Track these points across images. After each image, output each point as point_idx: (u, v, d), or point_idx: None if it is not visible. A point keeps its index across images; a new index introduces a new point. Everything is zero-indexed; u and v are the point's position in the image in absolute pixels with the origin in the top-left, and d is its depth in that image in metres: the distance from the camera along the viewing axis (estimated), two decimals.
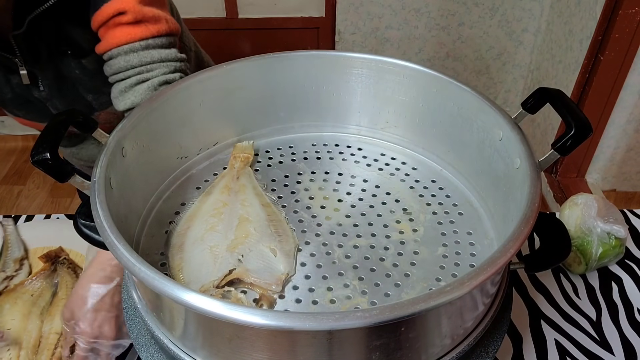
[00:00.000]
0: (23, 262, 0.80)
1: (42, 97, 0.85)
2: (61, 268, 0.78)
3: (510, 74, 2.39)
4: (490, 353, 0.54)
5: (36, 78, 0.82)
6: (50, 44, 0.79)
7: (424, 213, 0.66)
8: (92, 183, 0.52)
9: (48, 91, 0.84)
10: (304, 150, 0.76)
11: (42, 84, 0.83)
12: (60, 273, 0.78)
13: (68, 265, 0.79)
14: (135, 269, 0.44)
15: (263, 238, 0.60)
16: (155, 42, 0.76)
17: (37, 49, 0.78)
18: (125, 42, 0.74)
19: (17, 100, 0.86)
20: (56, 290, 0.75)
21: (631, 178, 2.14)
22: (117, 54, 0.75)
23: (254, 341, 0.44)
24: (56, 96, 0.85)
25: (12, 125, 2.48)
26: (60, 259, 0.80)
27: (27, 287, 0.75)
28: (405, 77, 0.71)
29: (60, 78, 0.83)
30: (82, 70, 0.83)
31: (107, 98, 0.88)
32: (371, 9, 2.19)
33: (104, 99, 0.88)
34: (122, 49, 0.75)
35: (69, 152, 1.05)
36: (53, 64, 0.81)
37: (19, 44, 0.76)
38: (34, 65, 0.80)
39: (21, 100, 0.86)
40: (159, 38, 0.76)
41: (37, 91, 0.84)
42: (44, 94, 0.84)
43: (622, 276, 0.82)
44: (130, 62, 0.75)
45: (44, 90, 0.83)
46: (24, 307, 0.72)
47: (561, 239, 0.51)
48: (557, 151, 0.55)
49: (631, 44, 1.74)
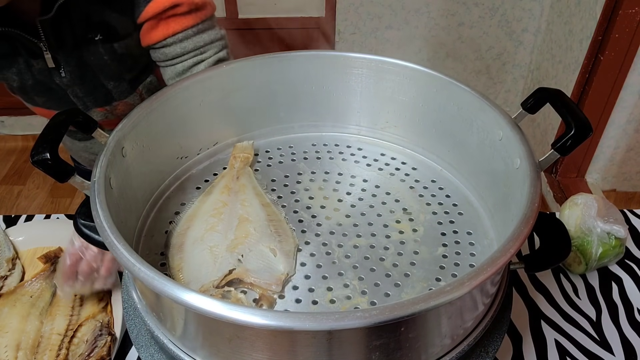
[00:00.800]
0: (15, 262, 0.80)
1: (63, 83, 0.85)
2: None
3: (510, 74, 2.39)
4: (490, 353, 0.54)
5: (59, 64, 0.83)
6: (76, 30, 0.80)
7: (424, 213, 0.66)
8: (92, 183, 0.52)
9: (70, 77, 0.84)
10: (304, 150, 0.76)
11: (64, 70, 0.83)
12: None
13: None
14: (135, 269, 0.44)
15: (263, 238, 0.60)
16: (204, 26, 0.82)
17: (63, 34, 0.80)
18: (180, 30, 0.80)
19: (38, 87, 0.86)
20: (56, 290, 0.75)
21: (631, 178, 2.14)
22: (172, 42, 0.81)
23: (254, 341, 0.44)
24: (77, 83, 0.86)
25: (12, 125, 2.48)
26: (60, 259, 0.79)
27: (27, 289, 0.75)
28: (405, 77, 0.71)
29: (83, 65, 0.84)
30: (111, 55, 0.84)
31: (127, 86, 0.90)
32: (371, 9, 2.19)
33: (124, 87, 0.90)
34: (177, 37, 0.81)
35: (82, 145, 1.04)
36: (77, 50, 0.82)
37: (45, 28, 0.77)
38: (58, 51, 0.81)
39: (42, 87, 0.86)
40: (206, 21, 0.83)
41: (58, 77, 0.84)
42: (65, 80, 0.85)
43: (622, 276, 0.82)
44: (186, 48, 0.81)
45: (66, 77, 0.84)
46: (23, 308, 0.72)
47: (561, 239, 0.51)
48: (557, 151, 0.55)
49: (631, 44, 1.74)
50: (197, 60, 0.82)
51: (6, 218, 0.90)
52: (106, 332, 0.68)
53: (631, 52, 1.76)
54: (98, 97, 0.89)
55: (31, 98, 0.90)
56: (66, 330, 0.70)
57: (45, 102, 0.90)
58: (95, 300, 0.73)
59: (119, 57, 0.85)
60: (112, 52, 0.84)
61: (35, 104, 0.92)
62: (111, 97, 0.90)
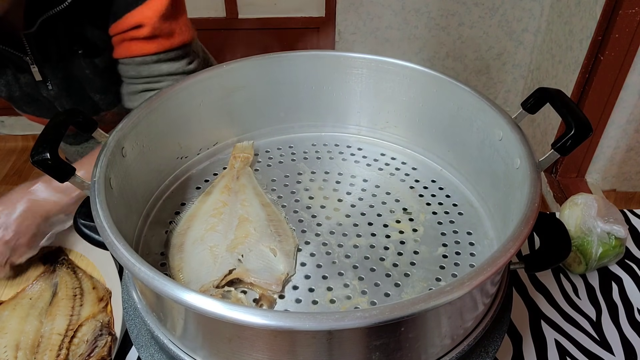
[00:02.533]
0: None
1: (51, 95, 0.85)
2: (60, 268, 0.78)
3: (510, 74, 2.39)
4: (490, 353, 0.54)
5: (45, 77, 0.83)
6: (61, 44, 0.80)
7: (424, 213, 0.66)
8: (92, 183, 0.52)
9: (57, 90, 0.84)
10: (304, 150, 0.76)
11: (51, 82, 0.83)
12: (60, 273, 0.77)
13: (67, 266, 0.78)
14: (135, 269, 0.44)
15: (263, 238, 0.60)
16: (166, 56, 0.80)
17: (47, 48, 0.79)
18: (138, 54, 0.79)
19: (25, 98, 0.87)
20: (56, 290, 0.75)
21: (631, 178, 2.14)
22: (129, 63, 0.80)
23: (254, 341, 0.44)
24: (64, 95, 0.86)
25: (12, 125, 2.48)
26: (60, 259, 0.80)
27: (27, 292, 0.75)
28: (405, 77, 0.71)
29: (69, 78, 0.84)
30: (92, 69, 0.84)
31: (113, 98, 0.89)
32: (371, 9, 2.19)
33: (111, 98, 0.89)
34: (135, 60, 0.79)
35: (74, 150, 1.05)
36: (63, 63, 0.82)
37: (30, 43, 0.77)
38: (44, 64, 0.81)
39: (29, 98, 0.87)
40: (171, 52, 0.80)
41: (45, 90, 0.84)
42: (53, 93, 0.85)
43: (622, 276, 0.82)
44: (141, 73, 0.80)
45: (53, 89, 0.84)
46: (22, 310, 0.72)
47: (561, 239, 0.51)
48: (557, 151, 0.55)
49: (631, 44, 1.74)
50: (148, 87, 0.81)
51: None
52: (106, 332, 0.68)
53: (631, 52, 1.76)
54: (85, 109, 0.89)
55: (20, 107, 0.91)
56: (66, 330, 0.69)
57: (35, 111, 0.91)
58: (95, 300, 0.73)
59: (100, 72, 0.84)
60: (93, 67, 0.83)
61: (24, 112, 0.93)
62: (98, 108, 0.91)
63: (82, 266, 0.79)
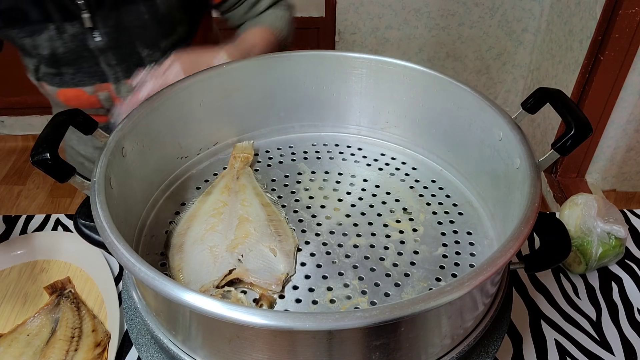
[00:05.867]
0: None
1: (97, 47, 0.83)
2: (64, 302, 0.74)
3: (510, 74, 2.39)
4: (490, 353, 0.54)
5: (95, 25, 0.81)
6: None
7: (424, 213, 0.66)
8: (92, 183, 0.52)
9: (106, 40, 0.83)
10: (304, 150, 0.76)
11: (101, 32, 0.82)
12: (63, 308, 0.73)
13: (72, 300, 0.74)
14: (135, 269, 0.44)
15: (263, 238, 0.60)
16: None
17: None
18: None
19: (69, 54, 0.84)
20: (55, 327, 0.71)
21: (631, 178, 2.14)
22: None
23: (254, 341, 0.44)
24: (112, 46, 0.84)
25: (12, 125, 2.48)
26: (66, 291, 0.75)
27: (26, 327, 0.71)
28: (405, 77, 0.71)
29: (121, 27, 0.83)
30: (152, 14, 0.83)
31: (159, 56, 0.88)
32: (371, 9, 2.19)
33: (157, 56, 0.88)
34: None
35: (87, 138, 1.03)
36: (116, 10, 0.81)
37: None
38: (96, 10, 0.79)
39: (73, 55, 0.84)
40: None
41: (92, 41, 0.82)
42: (100, 44, 0.83)
43: (622, 276, 0.82)
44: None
45: (101, 40, 0.83)
46: (17, 349, 0.68)
47: (561, 239, 0.51)
48: (557, 151, 0.55)
49: (631, 44, 1.74)
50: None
51: (6, 218, 0.90)
52: None
53: (631, 52, 1.76)
54: (130, 66, 0.87)
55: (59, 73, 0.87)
56: None
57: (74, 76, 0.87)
58: (92, 345, 0.69)
59: (159, 18, 0.83)
60: (154, 11, 0.82)
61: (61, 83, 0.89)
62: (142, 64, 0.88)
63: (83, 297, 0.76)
